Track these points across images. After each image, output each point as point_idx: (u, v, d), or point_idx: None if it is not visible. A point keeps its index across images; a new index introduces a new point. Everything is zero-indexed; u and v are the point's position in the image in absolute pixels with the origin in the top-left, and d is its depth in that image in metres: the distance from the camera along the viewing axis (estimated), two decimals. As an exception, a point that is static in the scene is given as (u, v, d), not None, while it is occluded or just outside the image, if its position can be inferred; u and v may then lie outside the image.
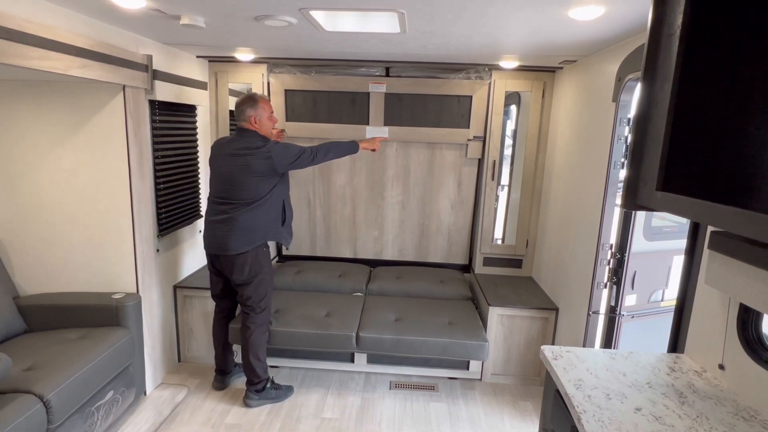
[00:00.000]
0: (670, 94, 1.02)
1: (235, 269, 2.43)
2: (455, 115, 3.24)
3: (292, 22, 2.00)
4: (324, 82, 3.21)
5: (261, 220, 2.41)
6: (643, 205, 1.12)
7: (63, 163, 2.38)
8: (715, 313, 1.42)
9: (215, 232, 2.41)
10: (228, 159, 2.38)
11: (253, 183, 2.35)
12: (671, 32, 1.04)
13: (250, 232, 2.39)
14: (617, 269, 2.25)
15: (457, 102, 3.21)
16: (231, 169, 2.36)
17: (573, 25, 1.91)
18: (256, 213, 2.39)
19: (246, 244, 2.40)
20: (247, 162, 2.33)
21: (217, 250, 2.43)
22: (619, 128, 2.16)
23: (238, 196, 2.36)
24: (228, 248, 2.39)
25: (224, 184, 2.38)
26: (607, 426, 1.13)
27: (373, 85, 3.18)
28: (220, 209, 2.41)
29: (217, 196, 2.43)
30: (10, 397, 1.74)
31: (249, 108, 2.39)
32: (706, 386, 1.34)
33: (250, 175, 2.33)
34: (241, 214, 2.37)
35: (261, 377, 2.58)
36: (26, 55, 1.68)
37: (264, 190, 2.38)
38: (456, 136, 3.25)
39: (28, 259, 2.47)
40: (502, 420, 2.55)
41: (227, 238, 2.38)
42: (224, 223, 2.38)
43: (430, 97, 3.21)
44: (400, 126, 3.27)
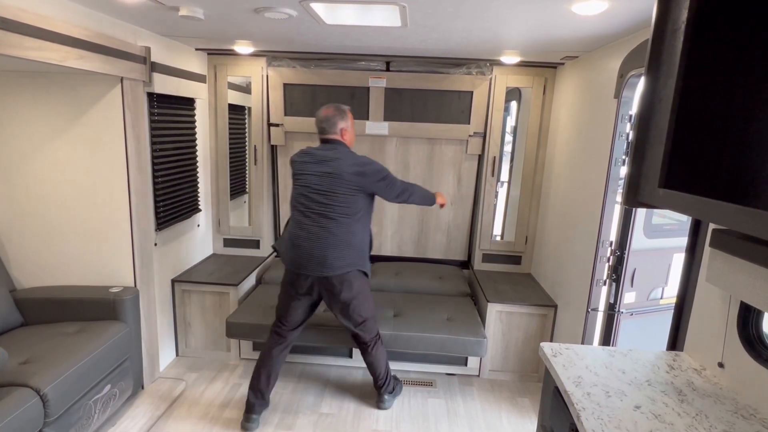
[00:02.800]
0: (674, 90, 1.01)
1: (344, 285, 2.24)
2: (455, 110, 3.21)
3: (292, 15, 1.98)
4: (323, 77, 3.16)
5: (358, 237, 2.27)
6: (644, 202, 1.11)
7: (60, 156, 2.36)
8: (715, 311, 1.41)
9: (311, 249, 2.20)
10: (321, 166, 2.22)
11: (352, 197, 2.22)
12: (676, 28, 1.03)
13: (350, 249, 2.24)
14: (617, 266, 2.24)
15: (457, 98, 3.17)
16: (329, 180, 2.20)
17: (576, 20, 1.90)
18: (353, 230, 2.24)
19: (348, 264, 2.24)
20: (340, 173, 2.19)
21: (315, 270, 2.21)
22: (621, 125, 2.15)
23: (336, 210, 2.20)
24: (330, 266, 2.19)
25: (321, 196, 2.21)
26: (606, 424, 1.12)
27: (373, 79, 3.14)
28: (313, 221, 2.22)
29: (312, 210, 2.23)
30: (6, 390, 1.73)
31: (341, 120, 2.28)
32: (705, 384, 1.34)
33: (346, 185, 2.20)
34: (338, 227, 2.21)
35: (392, 379, 2.61)
36: (22, 45, 1.65)
37: (360, 207, 2.25)
38: (456, 132, 3.22)
39: (25, 252, 2.46)
40: (500, 416, 2.55)
41: (329, 255, 2.19)
42: (322, 233, 2.20)
43: (430, 92, 3.17)
44: (400, 121, 3.22)
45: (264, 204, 3.44)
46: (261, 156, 3.35)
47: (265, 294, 3.03)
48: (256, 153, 3.34)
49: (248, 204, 3.90)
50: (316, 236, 2.20)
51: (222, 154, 3.35)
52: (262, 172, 3.38)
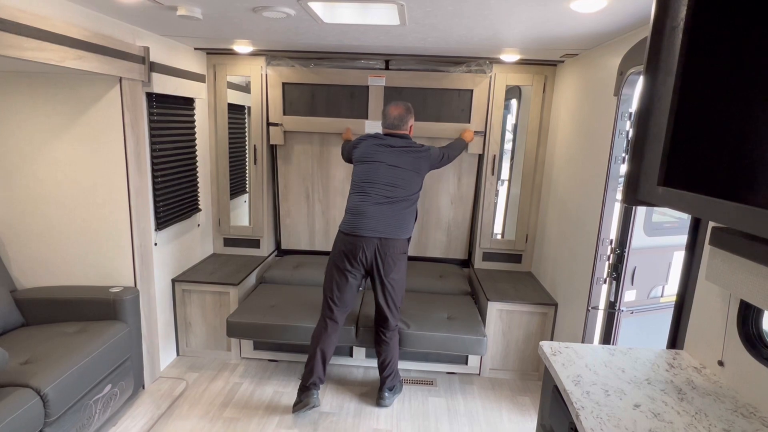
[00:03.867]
0: (673, 88, 1.00)
1: (389, 260, 2.39)
2: (456, 109, 3.18)
3: (290, 14, 1.98)
4: (322, 76, 3.14)
5: (411, 216, 2.48)
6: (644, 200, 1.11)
7: (59, 156, 2.36)
8: (715, 309, 1.41)
9: (378, 214, 2.39)
10: (394, 153, 2.45)
11: (416, 180, 2.46)
12: (674, 25, 1.02)
13: (407, 225, 2.46)
14: (617, 265, 2.24)
15: (457, 96, 3.15)
16: (398, 162, 2.43)
17: (575, 18, 1.89)
18: (411, 209, 2.47)
19: (405, 232, 2.44)
20: (414, 160, 2.45)
21: (377, 232, 2.37)
22: (620, 123, 2.14)
23: (400, 187, 2.42)
24: (391, 232, 2.38)
25: (388, 174, 2.43)
26: (605, 422, 1.12)
27: (373, 78, 3.12)
28: (380, 197, 2.41)
29: (377, 184, 2.43)
30: (7, 390, 1.73)
31: (410, 117, 2.53)
32: (705, 383, 1.34)
33: (415, 171, 2.45)
34: (400, 205, 2.42)
35: (397, 376, 2.64)
36: (21, 46, 1.65)
37: (418, 188, 2.49)
38: (456, 132, 3.17)
39: (26, 252, 2.46)
40: (500, 415, 2.55)
41: (390, 224, 2.38)
42: (385, 208, 2.40)
43: (430, 91, 3.15)
44: None
45: (264, 203, 3.44)
46: (261, 155, 3.35)
47: (265, 293, 3.04)
48: (256, 152, 3.34)
49: (248, 203, 3.90)
50: (381, 207, 2.39)
51: (222, 153, 3.35)
52: (262, 172, 3.37)
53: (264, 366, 2.96)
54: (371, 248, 2.37)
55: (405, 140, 2.50)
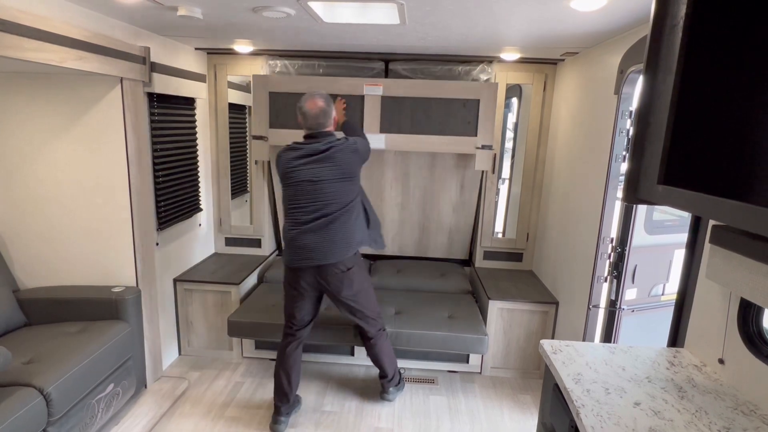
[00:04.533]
0: (673, 86, 1.00)
1: (336, 282, 2.23)
2: (461, 121, 2.90)
3: (290, 14, 1.98)
4: (312, 84, 2.88)
5: (357, 226, 2.26)
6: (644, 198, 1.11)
7: (60, 156, 2.37)
8: (715, 307, 1.41)
9: (313, 242, 2.17)
10: (316, 165, 2.16)
11: (348, 188, 2.20)
12: (674, 23, 1.02)
13: (352, 239, 2.23)
14: (618, 263, 2.24)
15: (462, 107, 2.88)
16: (322, 174, 2.15)
17: (575, 16, 1.89)
18: (354, 219, 2.24)
19: (348, 250, 2.23)
20: (337, 161, 2.16)
21: (315, 261, 2.18)
22: (621, 121, 2.14)
23: (332, 201, 2.17)
24: (331, 257, 2.18)
25: (314, 192, 2.17)
26: (605, 420, 1.12)
27: (369, 87, 2.86)
28: (312, 221, 2.18)
29: (307, 208, 2.18)
30: (10, 390, 1.74)
31: (332, 109, 2.26)
32: (705, 381, 1.34)
33: (344, 178, 2.18)
34: (339, 222, 2.19)
35: (398, 373, 2.62)
36: (21, 46, 1.66)
37: (354, 190, 2.24)
38: (462, 145, 2.92)
39: (28, 252, 2.47)
40: (502, 413, 2.56)
41: (329, 249, 2.18)
42: (321, 234, 2.17)
43: (433, 101, 2.88)
44: (399, 133, 2.93)
45: (265, 203, 3.44)
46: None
47: (266, 293, 3.04)
48: (257, 152, 3.34)
49: (250, 203, 3.90)
50: (316, 230, 2.17)
51: (223, 153, 3.35)
52: (262, 171, 3.38)
53: (265, 365, 2.97)
54: (311, 277, 2.23)
55: (328, 140, 2.19)
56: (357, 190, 2.27)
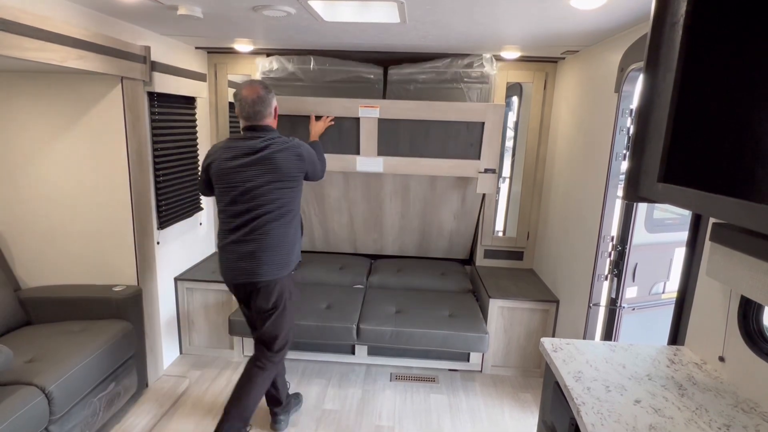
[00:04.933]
0: (673, 84, 1.00)
1: (260, 296, 2.05)
2: (463, 143, 2.73)
3: (290, 12, 1.98)
4: (304, 105, 2.71)
5: (292, 236, 2.05)
6: (644, 196, 1.11)
7: (61, 156, 2.37)
8: (715, 305, 1.41)
9: (245, 257, 1.99)
10: (252, 166, 1.95)
11: (287, 195, 1.98)
12: (674, 21, 1.02)
13: (285, 253, 2.02)
14: (618, 261, 2.24)
15: (466, 129, 2.71)
16: (257, 178, 1.94)
17: (575, 15, 1.89)
18: (287, 229, 2.01)
19: (280, 269, 2.02)
20: (275, 164, 1.94)
21: (245, 278, 2.01)
22: (621, 119, 2.14)
23: (266, 209, 1.96)
24: (259, 274, 1.98)
25: (246, 197, 1.96)
26: (606, 418, 1.12)
27: (365, 109, 2.68)
28: (245, 232, 1.98)
29: (237, 215, 1.99)
30: (12, 388, 1.75)
31: (273, 98, 2.05)
32: (706, 378, 1.34)
33: (280, 180, 1.96)
34: (274, 234, 1.98)
35: (283, 401, 2.35)
36: (22, 46, 1.66)
37: (295, 199, 2.03)
38: (464, 169, 2.77)
39: (29, 251, 2.48)
40: (502, 411, 2.56)
41: (258, 263, 1.98)
42: (253, 246, 1.97)
43: (433, 123, 2.71)
44: (397, 156, 2.78)
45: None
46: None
47: (267, 291, 3.05)
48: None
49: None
50: (245, 242, 1.97)
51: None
52: None
53: (266, 364, 2.97)
54: (244, 292, 2.09)
55: (267, 136, 1.98)
56: (297, 200, 2.05)
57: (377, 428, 2.39)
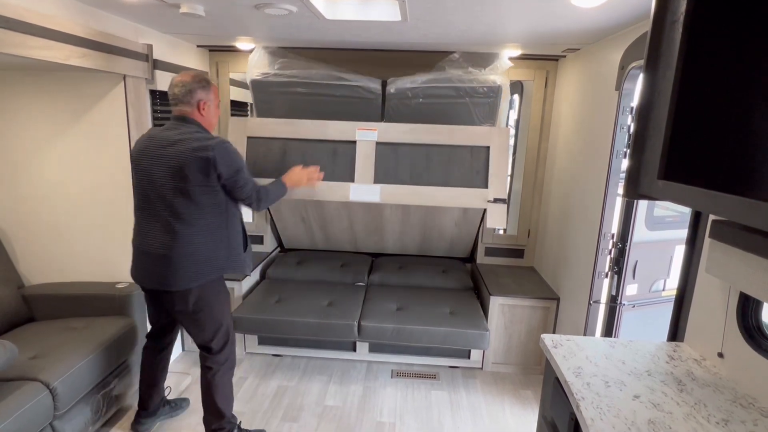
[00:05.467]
0: (673, 82, 1.01)
1: (174, 301, 1.90)
2: (468, 170, 2.51)
3: (292, 11, 1.99)
4: (297, 128, 2.54)
5: (212, 249, 1.86)
6: (644, 194, 1.12)
7: (65, 154, 2.39)
8: (715, 301, 1.42)
9: (148, 261, 1.85)
10: (162, 156, 1.77)
11: (190, 198, 1.77)
12: (674, 19, 1.03)
13: (199, 262, 1.84)
14: (618, 259, 2.25)
15: (469, 155, 2.50)
16: (161, 174, 1.77)
17: (576, 13, 1.89)
18: (203, 238, 1.83)
19: (193, 279, 1.84)
20: (180, 164, 1.74)
21: (154, 284, 1.87)
22: (622, 117, 2.15)
23: (173, 212, 1.79)
24: (168, 284, 1.83)
25: (154, 195, 1.81)
26: (605, 413, 1.14)
27: (362, 132, 2.51)
28: (151, 230, 1.83)
29: (148, 213, 1.85)
30: (17, 384, 1.76)
31: (200, 89, 1.85)
32: (705, 374, 1.35)
33: (184, 184, 1.76)
34: (181, 238, 1.80)
35: (225, 426, 2.11)
36: (26, 44, 1.67)
37: (204, 206, 1.81)
38: (470, 198, 2.51)
39: (33, 249, 2.49)
40: (503, 408, 2.58)
41: (167, 270, 1.81)
42: (159, 248, 1.81)
43: (435, 148, 2.51)
44: (396, 184, 2.56)
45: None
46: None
47: (269, 289, 3.06)
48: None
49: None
50: (155, 245, 1.82)
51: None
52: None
53: (268, 361, 2.99)
54: (154, 296, 1.97)
55: (185, 129, 1.81)
56: (215, 211, 1.85)
57: (378, 425, 2.41)
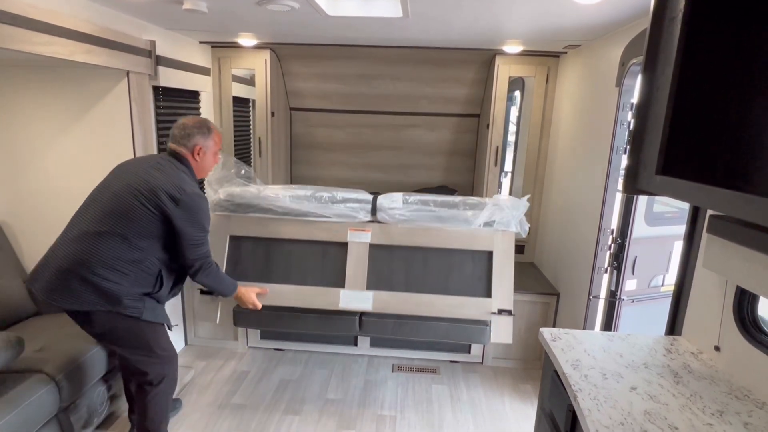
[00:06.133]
0: (671, 78, 1.02)
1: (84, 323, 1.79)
2: (469, 277, 2.29)
3: (294, 7, 2.00)
4: (283, 228, 2.31)
5: (133, 275, 1.73)
6: (643, 189, 1.13)
7: (69, 149, 2.41)
8: (712, 296, 1.43)
9: (52, 268, 1.70)
10: (139, 171, 1.76)
11: (146, 219, 1.70)
12: (673, 16, 1.04)
13: (116, 297, 1.70)
14: (618, 254, 2.27)
15: (471, 259, 2.28)
16: (136, 182, 1.72)
17: (577, 9, 1.90)
18: (132, 258, 1.72)
19: (102, 302, 1.70)
20: (144, 184, 1.71)
21: (56, 298, 1.69)
22: (622, 113, 2.16)
23: (121, 221, 1.70)
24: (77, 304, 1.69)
25: (112, 198, 1.74)
26: (602, 404, 1.16)
27: (354, 233, 2.30)
28: (78, 236, 1.72)
29: (78, 221, 1.78)
30: (24, 376, 1.80)
31: (199, 134, 1.86)
32: (701, 367, 1.37)
33: (142, 203, 1.70)
34: (110, 242, 1.69)
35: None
36: (31, 40, 1.69)
37: (154, 233, 1.73)
38: (472, 309, 2.28)
39: (37, 243, 2.51)
40: (503, 402, 2.60)
41: (71, 283, 1.67)
42: (75, 254, 1.68)
43: (433, 251, 2.29)
44: (390, 291, 2.31)
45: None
46: (265, 148, 3.38)
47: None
48: (261, 145, 3.37)
49: (253, 196, 3.94)
50: (70, 251, 1.70)
51: (227, 146, 3.38)
52: (266, 164, 3.41)
53: (270, 355, 3.02)
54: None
55: (175, 164, 1.82)
56: (150, 249, 1.75)
57: (379, 418, 2.43)
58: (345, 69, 3.49)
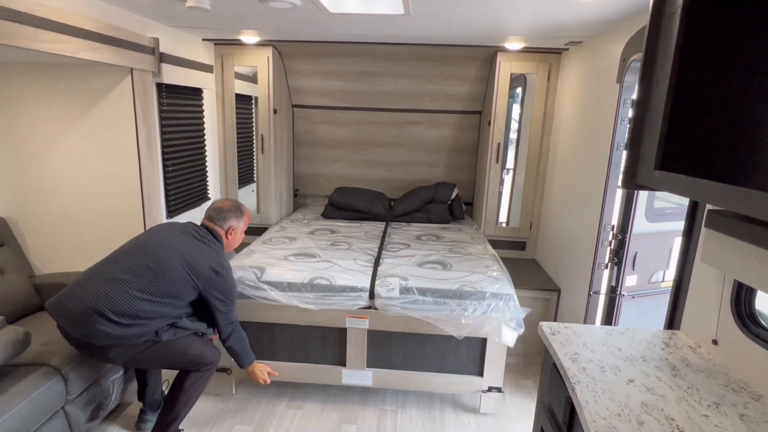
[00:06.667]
0: (670, 73, 1.03)
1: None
2: (463, 358, 2.42)
3: (296, 4, 2.01)
4: (284, 314, 2.38)
5: (136, 333, 1.83)
6: (642, 184, 1.14)
7: (73, 146, 2.43)
8: (710, 290, 1.45)
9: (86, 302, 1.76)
10: (184, 237, 1.96)
11: (183, 286, 1.87)
12: (672, 12, 1.05)
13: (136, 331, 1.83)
14: (618, 250, 2.28)
15: (465, 343, 2.39)
16: (180, 246, 1.91)
17: (578, 5, 1.91)
18: (160, 314, 1.86)
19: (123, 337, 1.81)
20: (200, 259, 1.90)
21: (84, 334, 1.77)
22: (623, 109, 2.17)
23: (163, 280, 1.85)
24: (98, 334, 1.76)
25: (154, 255, 1.87)
26: (599, 396, 1.17)
27: (353, 320, 2.37)
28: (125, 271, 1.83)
29: (128, 271, 1.83)
30: (31, 369, 1.82)
31: (234, 217, 2.12)
32: (699, 360, 1.38)
33: (191, 275, 1.88)
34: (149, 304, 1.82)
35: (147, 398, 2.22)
36: (37, 38, 1.71)
37: (185, 298, 1.92)
38: (464, 386, 2.42)
39: (43, 239, 2.55)
40: (503, 397, 2.61)
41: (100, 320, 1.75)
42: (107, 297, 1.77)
43: (428, 337, 2.40)
44: (389, 369, 2.44)
45: (272, 193, 3.50)
46: (268, 145, 3.40)
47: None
48: (263, 142, 3.39)
49: (256, 192, 3.96)
50: (103, 293, 1.78)
51: (230, 143, 3.40)
52: (269, 161, 3.43)
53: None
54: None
55: (213, 241, 2.02)
56: (189, 298, 1.93)
57: (381, 412, 2.46)
58: (347, 66, 3.50)
